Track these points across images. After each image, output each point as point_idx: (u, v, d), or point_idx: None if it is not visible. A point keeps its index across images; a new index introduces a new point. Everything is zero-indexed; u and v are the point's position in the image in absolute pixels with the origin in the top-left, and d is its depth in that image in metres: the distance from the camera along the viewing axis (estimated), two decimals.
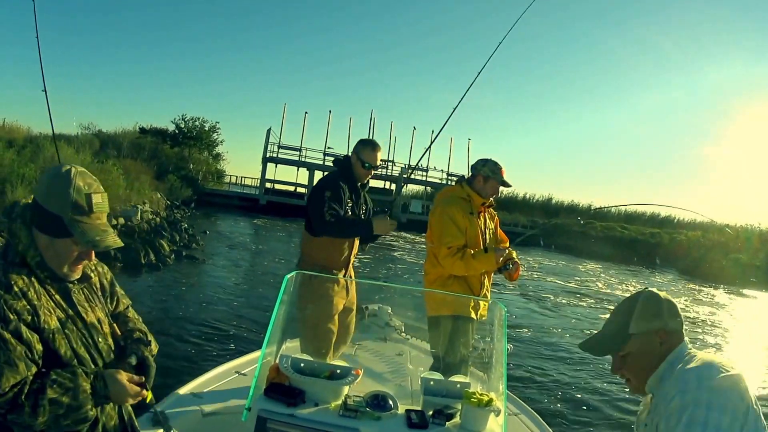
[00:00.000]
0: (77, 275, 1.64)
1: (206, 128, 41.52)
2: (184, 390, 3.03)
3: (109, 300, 1.85)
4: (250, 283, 12.65)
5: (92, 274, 1.78)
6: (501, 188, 4.04)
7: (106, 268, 1.89)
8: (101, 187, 1.65)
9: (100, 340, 1.68)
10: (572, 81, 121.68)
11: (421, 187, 47.02)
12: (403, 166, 43.43)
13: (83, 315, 1.65)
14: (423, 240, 30.40)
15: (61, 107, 79.66)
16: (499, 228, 4.33)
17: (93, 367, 1.61)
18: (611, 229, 38.92)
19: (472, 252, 3.74)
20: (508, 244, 4.13)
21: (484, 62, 4.30)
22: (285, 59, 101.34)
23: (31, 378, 1.45)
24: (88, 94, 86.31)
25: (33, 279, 1.54)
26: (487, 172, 4.01)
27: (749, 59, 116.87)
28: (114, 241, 1.61)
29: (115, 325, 1.82)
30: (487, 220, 4.13)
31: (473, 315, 3.59)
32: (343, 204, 3.58)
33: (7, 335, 1.42)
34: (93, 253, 1.64)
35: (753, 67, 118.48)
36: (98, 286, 1.80)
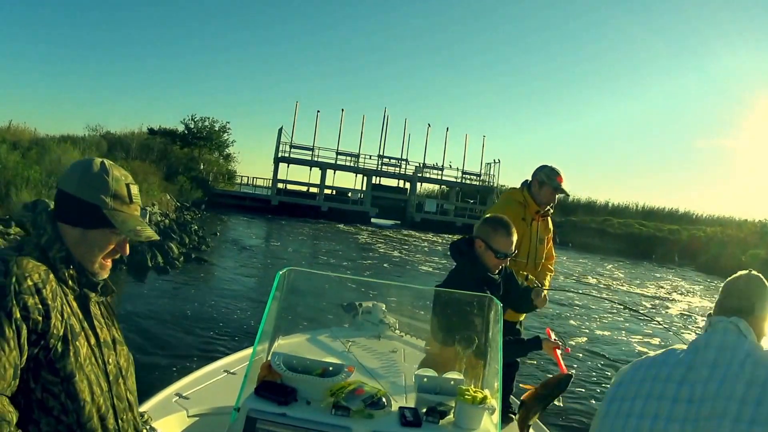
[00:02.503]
0: (106, 273, 1.56)
1: (216, 128, 41.74)
2: (169, 390, 2.99)
3: None
4: (259, 285, 12.65)
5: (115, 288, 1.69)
6: (558, 195, 4.02)
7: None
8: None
9: (110, 360, 1.57)
10: (585, 73, 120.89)
11: (436, 186, 46.99)
12: (417, 164, 43.47)
13: (97, 330, 1.55)
14: (436, 239, 30.68)
15: (68, 108, 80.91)
16: (551, 242, 4.28)
17: (98, 390, 1.50)
18: (629, 225, 38.63)
19: None
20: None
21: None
22: (296, 57, 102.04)
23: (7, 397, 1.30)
24: (94, 95, 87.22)
25: (51, 277, 1.41)
26: (542, 177, 3.98)
27: (767, 46, 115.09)
28: (152, 233, 1.57)
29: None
30: (540, 230, 4.08)
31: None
32: None
33: (9, 333, 1.28)
34: (127, 247, 1.57)
35: None
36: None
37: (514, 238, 3.09)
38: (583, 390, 7.37)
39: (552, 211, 4.13)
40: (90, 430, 1.47)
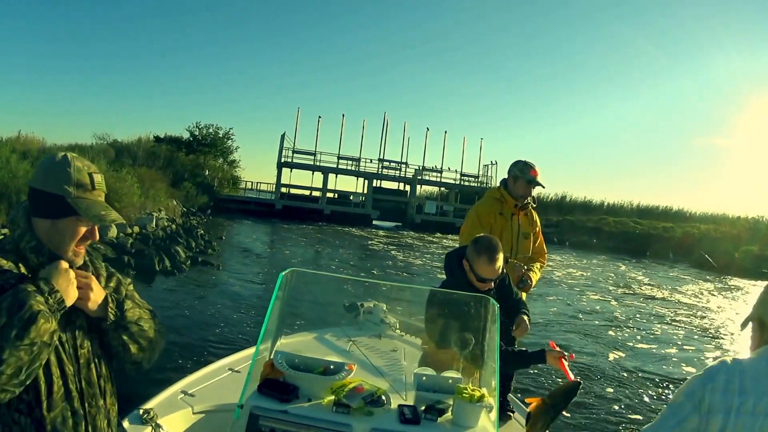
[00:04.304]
0: (81, 260, 1.62)
1: (220, 135, 41.89)
2: (174, 388, 3.04)
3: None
4: (263, 286, 12.68)
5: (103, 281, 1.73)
6: (534, 188, 4.09)
7: (129, 280, 1.85)
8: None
9: (83, 345, 1.61)
10: (580, 75, 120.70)
11: (435, 188, 47.04)
12: (417, 167, 43.52)
13: (71, 314, 1.58)
14: (435, 240, 30.64)
15: (75, 117, 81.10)
16: (541, 237, 4.31)
17: (57, 371, 1.53)
18: (624, 224, 38.67)
19: None
20: (533, 283, 4.06)
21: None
22: (297, 64, 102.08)
23: None
24: (101, 104, 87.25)
25: (20, 265, 1.51)
26: (515, 171, 4.07)
27: (759, 48, 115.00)
28: (117, 216, 1.62)
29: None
30: (523, 225, 4.14)
31: None
32: None
33: None
34: (97, 232, 1.62)
35: (763, 56, 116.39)
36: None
37: (499, 263, 3.06)
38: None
39: (533, 204, 4.19)
40: (50, 409, 1.51)
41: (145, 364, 1.78)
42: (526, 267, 4.02)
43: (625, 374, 8.36)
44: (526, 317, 3.30)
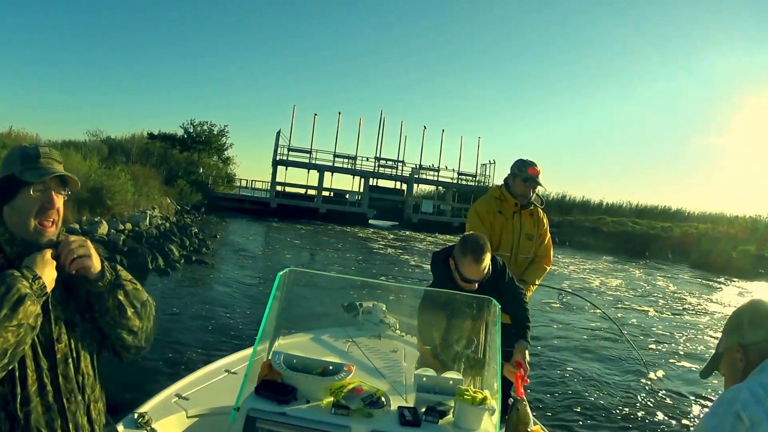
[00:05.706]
0: (48, 234, 1.62)
1: (215, 132, 41.76)
2: (169, 391, 2.99)
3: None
4: (258, 286, 12.64)
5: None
6: (533, 187, 4.03)
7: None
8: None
9: (61, 339, 1.62)
10: (577, 73, 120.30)
11: (432, 187, 47.09)
12: (414, 166, 43.55)
13: (49, 306, 1.59)
14: (433, 239, 30.62)
15: (68, 113, 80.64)
16: (547, 240, 4.22)
17: (33, 365, 1.53)
18: (623, 224, 38.79)
19: None
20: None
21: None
22: (293, 61, 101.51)
23: None
24: (94, 100, 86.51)
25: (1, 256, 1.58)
26: (514, 170, 4.06)
27: (754, 47, 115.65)
28: (60, 168, 1.65)
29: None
30: (526, 225, 4.08)
31: None
32: None
33: None
34: (55, 200, 1.62)
35: (758, 56, 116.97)
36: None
37: (484, 264, 2.97)
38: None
39: (536, 205, 4.14)
40: (25, 403, 1.51)
41: (143, 338, 1.82)
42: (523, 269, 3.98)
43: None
44: (525, 349, 3.08)
